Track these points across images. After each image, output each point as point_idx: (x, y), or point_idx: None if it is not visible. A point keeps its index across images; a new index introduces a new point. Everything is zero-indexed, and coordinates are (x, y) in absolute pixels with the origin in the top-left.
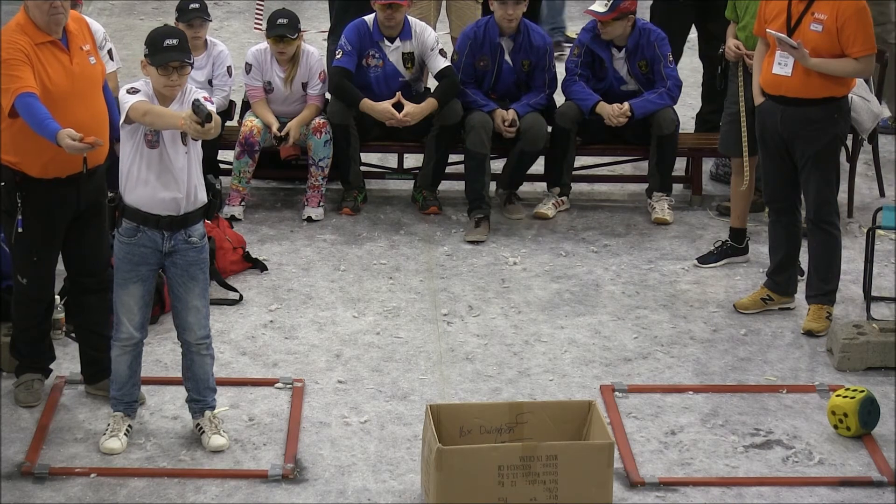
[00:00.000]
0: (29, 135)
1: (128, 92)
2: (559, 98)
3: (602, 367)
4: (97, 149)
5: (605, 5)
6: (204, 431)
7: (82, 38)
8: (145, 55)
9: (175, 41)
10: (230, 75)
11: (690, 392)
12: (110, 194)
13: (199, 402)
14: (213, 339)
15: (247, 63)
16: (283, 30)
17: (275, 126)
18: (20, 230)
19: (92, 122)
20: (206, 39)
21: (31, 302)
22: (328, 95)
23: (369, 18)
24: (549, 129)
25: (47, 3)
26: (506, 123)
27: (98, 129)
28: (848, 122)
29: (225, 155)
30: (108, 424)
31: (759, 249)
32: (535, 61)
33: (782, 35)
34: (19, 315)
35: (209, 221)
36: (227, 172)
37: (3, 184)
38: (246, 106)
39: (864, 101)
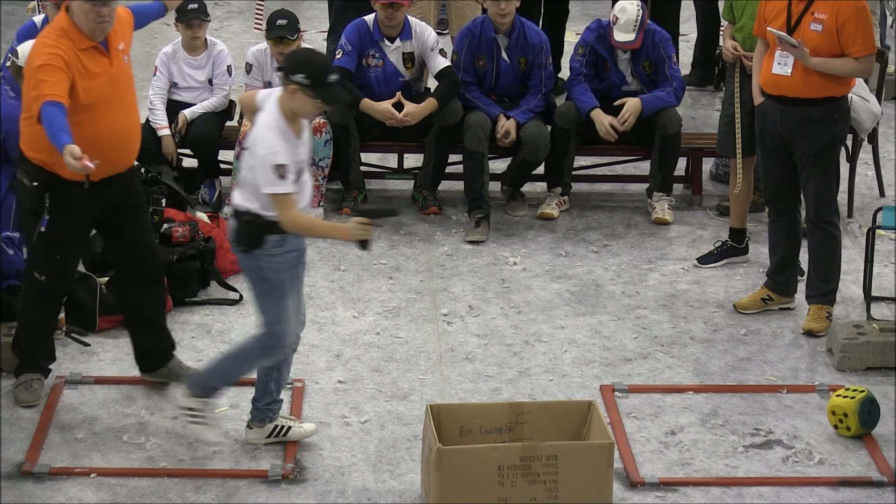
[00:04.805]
0: None
1: None
2: (558, 98)
3: (602, 367)
4: (130, 154)
5: (633, 32)
6: (290, 427)
7: (118, 36)
8: None
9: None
10: (230, 74)
11: (690, 392)
12: (243, 208)
13: (278, 402)
14: (213, 339)
15: (247, 63)
16: (282, 31)
17: None
18: (42, 229)
19: (131, 125)
20: (205, 39)
21: (48, 298)
22: None
23: (369, 18)
24: (549, 128)
25: (94, 11)
26: (499, 135)
27: (136, 131)
28: (848, 122)
29: (225, 155)
30: (271, 434)
31: (759, 249)
32: (532, 59)
33: (783, 33)
34: (30, 311)
35: (208, 221)
36: (227, 172)
37: (35, 183)
38: None
39: (864, 101)
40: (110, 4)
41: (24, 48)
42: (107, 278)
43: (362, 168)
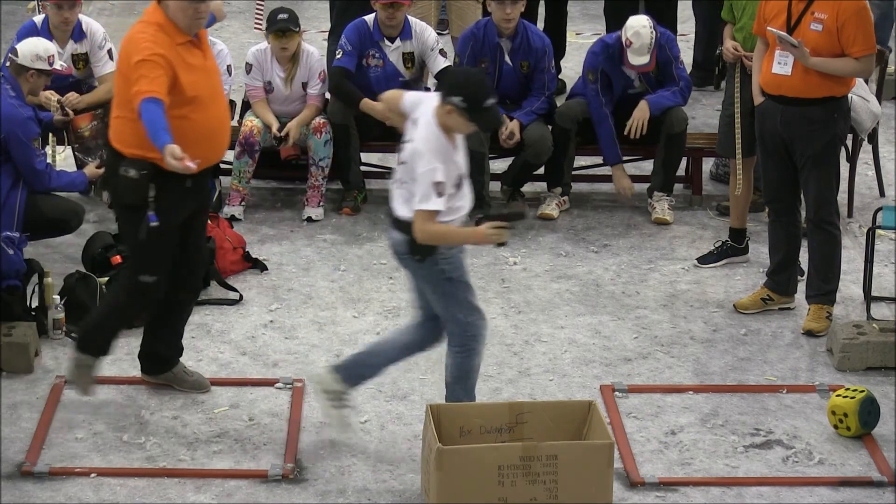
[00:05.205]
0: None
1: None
2: (559, 98)
3: (602, 367)
4: (226, 145)
5: (647, 55)
6: (343, 409)
7: (204, 31)
8: None
9: None
10: (230, 74)
11: (690, 392)
12: (411, 219)
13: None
14: (213, 338)
15: (247, 63)
16: (285, 23)
17: (275, 126)
18: (154, 223)
19: (227, 117)
20: None
21: (150, 299)
22: (328, 95)
23: (369, 18)
24: (549, 127)
25: (192, 7)
26: (503, 136)
27: (229, 122)
28: (848, 122)
29: (225, 155)
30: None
31: (759, 249)
32: (534, 63)
33: (783, 33)
34: (128, 315)
35: (209, 221)
36: (227, 172)
37: (144, 172)
38: (246, 106)
39: (864, 101)
40: (207, 1)
41: (24, 46)
42: (107, 278)
43: (362, 168)
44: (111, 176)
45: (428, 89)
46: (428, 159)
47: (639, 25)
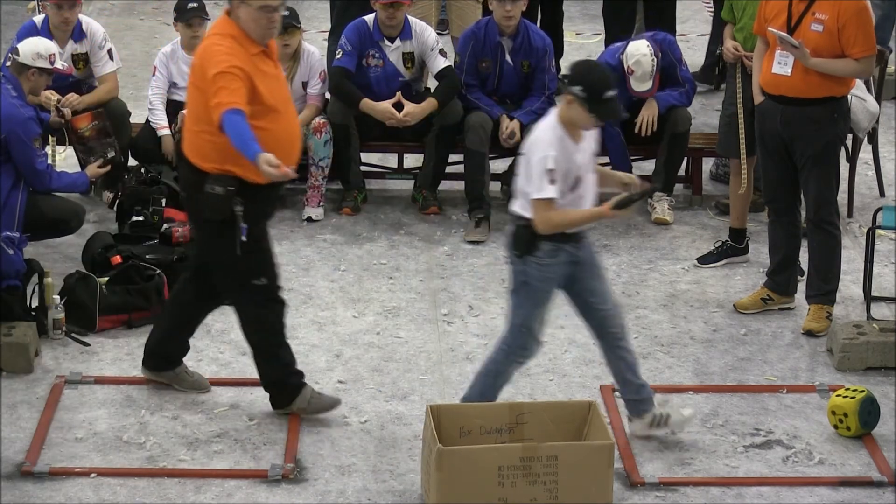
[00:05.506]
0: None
1: None
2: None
3: (602, 367)
4: (300, 152)
5: (650, 80)
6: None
7: (272, 41)
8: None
9: None
10: None
11: (690, 392)
12: (518, 214)
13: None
14: (213, 339)
15: None
16: (287, 20)
17: None
18: (244, 238)
19: (298, 124)
20: None
21: (277, 297)
22: (328, 95)
23: (369, 18)
24: None
25: (265, 17)
26: (503, 136)
27: (299, 130)
28: (848, 122)
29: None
30: None
31: (759, 249)
32: (535, 62)
33: (784, 34)
34: (274, 321)
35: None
36: None
37: (231, 188)
38: None
39: (861, 101)
40: (280, 10)
41: (25, 45)
42: (107, 278)
43: (362, 168)
44: (194, 192)
45: (428, 89)
46: (542, 148)
47: (639, 54)
